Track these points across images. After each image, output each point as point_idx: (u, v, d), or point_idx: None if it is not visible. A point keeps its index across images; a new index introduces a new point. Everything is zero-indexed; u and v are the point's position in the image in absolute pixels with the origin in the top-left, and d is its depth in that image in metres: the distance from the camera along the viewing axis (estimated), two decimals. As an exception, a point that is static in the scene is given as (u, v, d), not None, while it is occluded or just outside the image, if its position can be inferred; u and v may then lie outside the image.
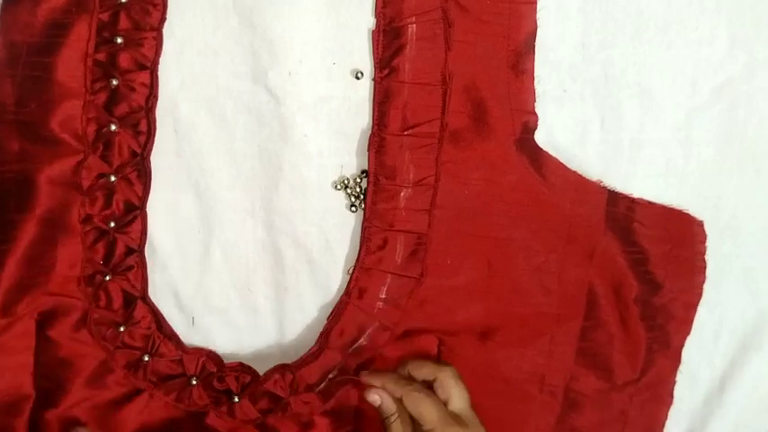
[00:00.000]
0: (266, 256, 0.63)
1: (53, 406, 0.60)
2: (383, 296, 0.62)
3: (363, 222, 0.60)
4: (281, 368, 0.62)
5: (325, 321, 0.62)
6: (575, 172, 0.61)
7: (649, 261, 0.63)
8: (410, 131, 0.59)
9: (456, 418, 0.57)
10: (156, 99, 0.59)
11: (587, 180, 0.62)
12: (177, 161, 0.61)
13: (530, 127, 0.60)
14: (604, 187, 0.62)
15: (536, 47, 0.59)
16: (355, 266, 0.61)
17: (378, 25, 0.58)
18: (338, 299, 0.63)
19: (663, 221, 0.63)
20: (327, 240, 0.63)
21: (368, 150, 0.59)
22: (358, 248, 0.62)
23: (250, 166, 0.62)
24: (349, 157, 0.62)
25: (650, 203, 0.63)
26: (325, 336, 0.62)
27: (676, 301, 0.64)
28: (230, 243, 0.63)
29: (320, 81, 0.60)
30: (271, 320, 0.65)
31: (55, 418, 0.60)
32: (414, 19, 0.58)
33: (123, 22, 0.57)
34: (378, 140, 0.59)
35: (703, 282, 0.65)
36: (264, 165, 0.62)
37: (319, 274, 0.64)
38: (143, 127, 0.58)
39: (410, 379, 0.60)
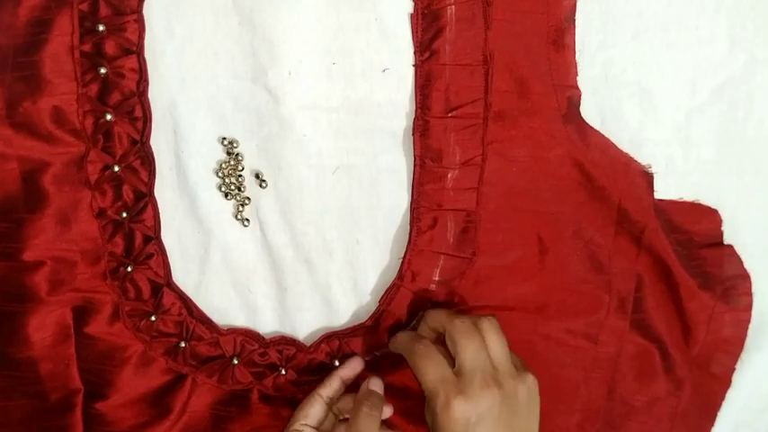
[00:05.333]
0: (265, 255, 0.63)
1: (104, 398, 0.61)
2: (436, 278, 0.61)
3: (411, 204, 0.60)
4: (328, 336, 0.62)
5: (377, 304, 0.62)
6: (623, 152, 0.61)
7: (696, 248, 0.64)
8: (454, 113, 0.58)
9: (460, 378, 0.54)
10: (147, 83, 0.58)
11: (635, 161, 0.61)
12: (177, 161, 0.61)
13: (574, 102, 0.59)
14: (649, 173, 0.62)
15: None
16: (407, 249, 0.61)
17: (416, 9, 0.58)
18: (338, 298, 0.64)
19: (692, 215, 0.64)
20: (325, 240, 0.63)
21: (412, 134, 0.59)
22: (355, 248, 0.62)
23: (249, 166, 0.62)
24: (348, 157, 0.62)
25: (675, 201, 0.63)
26: (375, 317, 0.62)
27: (732, 289, 0.65)
28: (230, 243, 0.63)
29: (320, 81, 0.60)
30: (271, 320, 0.65)
31: (108, 410, 0.61)
32: (452, 0, 0.57)
33: (103, 10, 0.57)
34: (422, 124, 0.59)
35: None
36: (263, 164, 0.62)
37: (318, 273, 0.63)
38: (138, 113, 0.58)
39: (422, 334, 0.59)
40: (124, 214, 0.59)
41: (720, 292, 0.64)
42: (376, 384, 0.60)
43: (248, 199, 0.62)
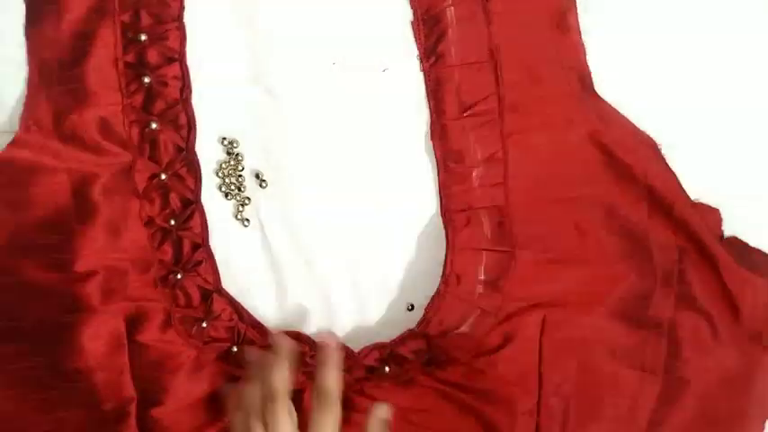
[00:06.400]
0: (265, 255, 0.63)
1: (158, 405, 0.60)
2: (482, 277, 0.61)
3: (441, 209, 0.60)
4: (379, 345, 0.62)
5: (423, 312, 0.61)
6: (642, 131, 0.61)
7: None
8: (469, 112, 0.59)
9: None
10: (191, 90, 0.59)
11: (649, 136, 0.61)
12: (177, 161, 0.62)
13: (586, 81, 0.59)
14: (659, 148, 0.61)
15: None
16: (447, 250, 0.60)
17: (415, 15, 0.58)
18: (337, 299, 0.64)
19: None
20: (325, 240, 0.63)
21: (431, 140, 0.60)
22: (354, 249, 0.63)
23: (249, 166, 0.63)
24: (348, 157, 0.62)
25: None
26: (424, 324, 0.61)
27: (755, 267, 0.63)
28: (230, 244, 0.63)
29: (320, 81, 0.61)
30: (270, 320, 0.64)
31: (163, 416, 0.60)
32: (450, 2, 0.58)
33: (145, 19, 0.58)
34: (438, 128, 0.59)
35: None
36: (263, 164, 0.63)
37: (318, 274, 0.63)
38: (182, 120, 0.59)
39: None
40: (172, 222, 0.60)
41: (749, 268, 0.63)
42: (383, 411, 0.59)
43: (248, 199, 0.63)
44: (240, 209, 0.63)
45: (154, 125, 0.58)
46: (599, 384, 0.60)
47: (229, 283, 0.63)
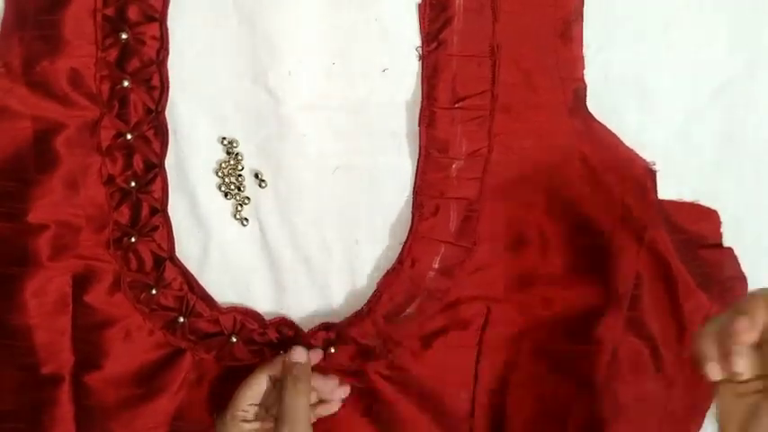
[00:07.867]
0: (264, 255, 0.63)
1: (96, 369, 0.60)
2: (436, 266, 0.61)
3: (414, 191, 0.60)
4: (326, 325, 0.62)
5: (375, 286, 0.62)
6: (628, 147, 0.61)
7: (695, 248, 0.63)
8: (460, 104, 0.59)
9: None
10: (167, 52, 0.58)
11: (639, 156, 0.61)
12: (177, 161, 0.61)
13: (580, 95, 0.59)
14: (653, 169, 0.62)
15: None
16: (408, 234, 0.60)
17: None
18: (336, 298, 0.64)
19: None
20: (324, 239, 0.63)
21: (418, 125, 0.59)
22: (354, 248, 0.62)
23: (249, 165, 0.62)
24: (348, 157, 0.62)
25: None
26: (374, 301, 0.61)
27: (730, 290, 0.64)
28: (229, 243, 0.63)
29: (320, 81, 0.60)
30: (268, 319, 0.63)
31: (101, 382, 0.60)
32: None
33: None
34: (428, 114, 0.59)
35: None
36: (263, 164, 0.62)
37: (317, 273, 0.63)
38: (155, 81, 0.58)
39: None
40: (133, 183, 0.59)
41: (717, 294, 0.64)
42: (300, 355, 0.59)
43: (248, 198, 0.62)
44: (239, 208, 0.63)
45: (126, 83, 0.57)
46: (534, 384, 0.61)
47: (228, 282, 0.63)
